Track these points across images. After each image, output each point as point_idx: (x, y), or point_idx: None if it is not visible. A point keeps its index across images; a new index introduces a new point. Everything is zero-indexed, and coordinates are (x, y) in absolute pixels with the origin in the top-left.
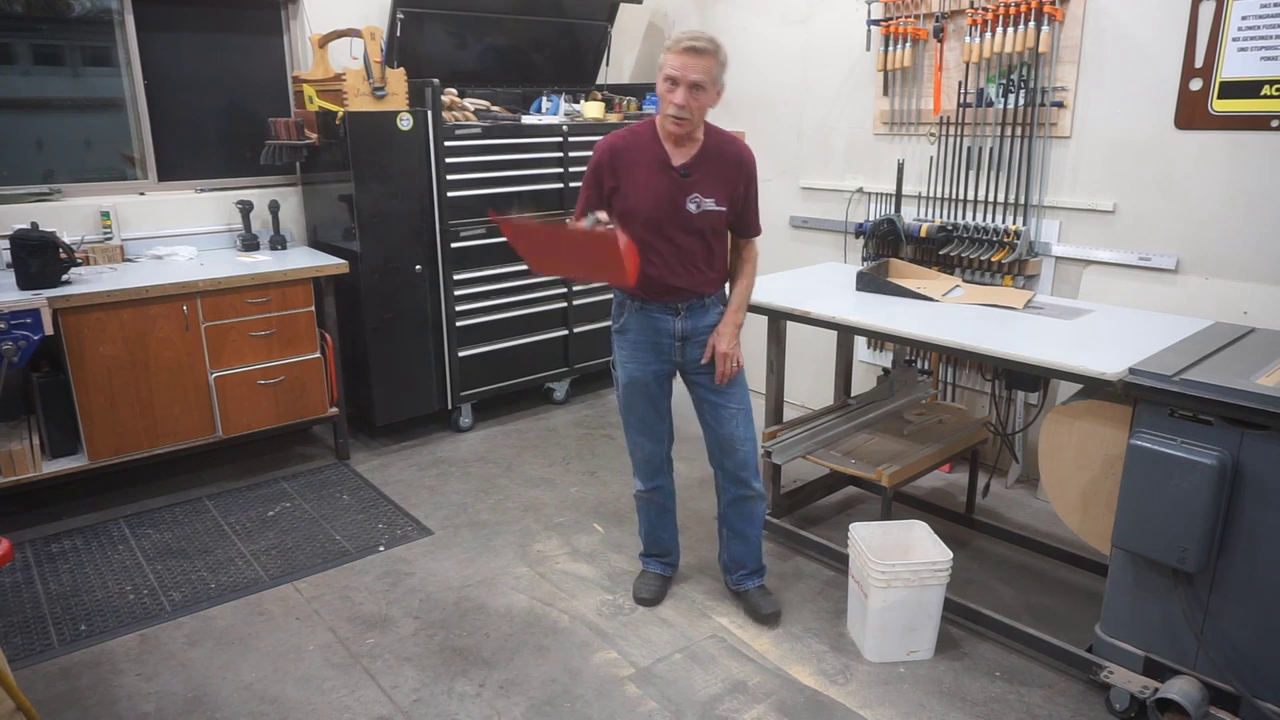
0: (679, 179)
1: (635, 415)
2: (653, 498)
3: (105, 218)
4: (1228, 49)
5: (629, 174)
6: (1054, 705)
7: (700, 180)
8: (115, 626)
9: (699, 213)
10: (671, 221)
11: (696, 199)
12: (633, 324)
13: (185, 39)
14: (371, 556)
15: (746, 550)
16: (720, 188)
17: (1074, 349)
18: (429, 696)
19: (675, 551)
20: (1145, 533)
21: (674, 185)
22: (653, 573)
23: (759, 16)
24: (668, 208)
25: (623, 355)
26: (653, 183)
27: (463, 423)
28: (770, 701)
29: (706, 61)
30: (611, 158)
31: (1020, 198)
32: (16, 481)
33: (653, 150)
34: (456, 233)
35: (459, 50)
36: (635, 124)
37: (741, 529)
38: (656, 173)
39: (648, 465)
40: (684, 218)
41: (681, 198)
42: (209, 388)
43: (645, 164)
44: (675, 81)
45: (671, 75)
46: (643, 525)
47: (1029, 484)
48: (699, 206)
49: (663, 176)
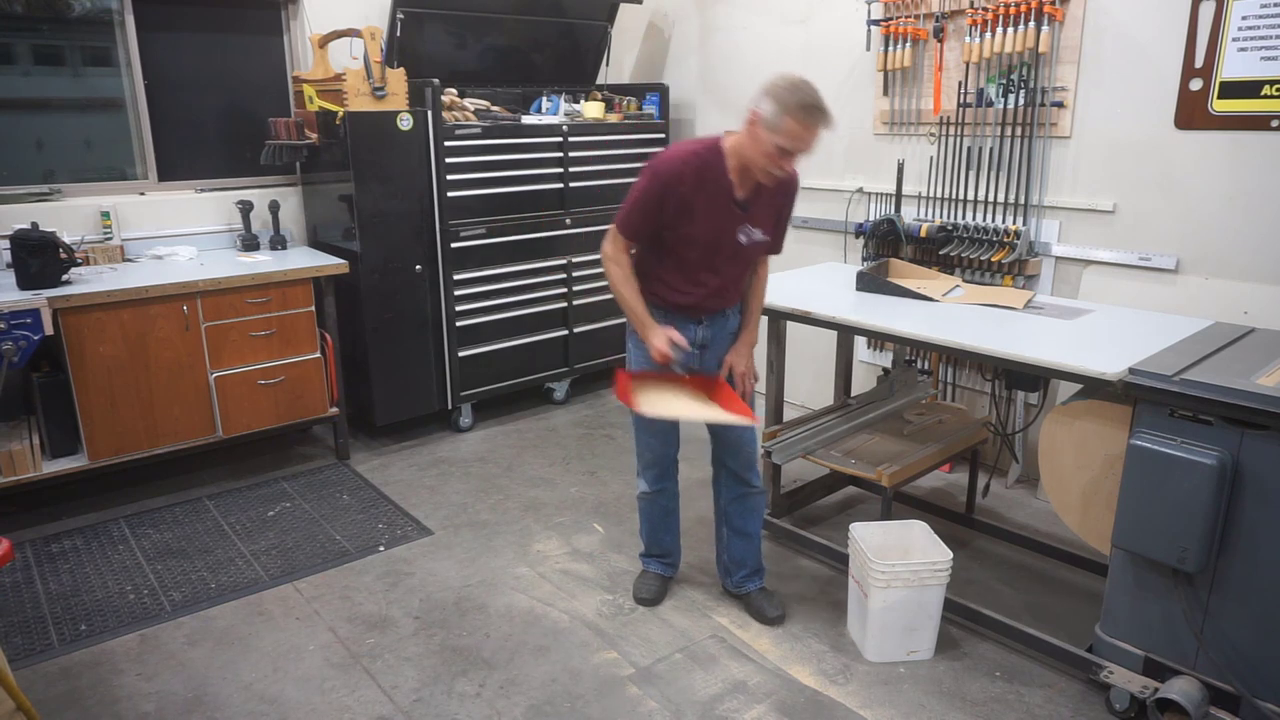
0: (737, 213)
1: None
2: (658, 500)
3: (105, 218)
4: (1228, 49)
5: (693, 202)
6: (1054, 705)
7: (755, 213)
8: (115, 626)
9: (748, 244)
10: (722, 252)
11: (747, 230)
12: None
13: (185, 39)
14: (371, 556)
15: (748, 548)
16: (770, 218)
17: (1074, 349)
18: (429, 696)
19: (676, 552)
20: (1145, 533)
21: (732, 218)
22: (653, 573)
23: (759, 16)
24: (723, 239)
25: (642, 356)
26: (714, 214)
27: (463, 423)
28: (770, 701)
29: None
30: (679, 182)
31: (1020, 198)
32: (16, 481)
33: (720, 181)
34: (456, 233)
35: (459, 50)
36: (700, 146)
37: (743, 525)
38: (719, 205)
39: (656, 467)
40: (734, 248)
41: (735, 229)
42: (209, 388)
43: (710, 194)
44: (793, 155)
45: (791, 150)
46: (645, 526)
47: (1029, 484)
48: (749, 239)
49: (725, 210)
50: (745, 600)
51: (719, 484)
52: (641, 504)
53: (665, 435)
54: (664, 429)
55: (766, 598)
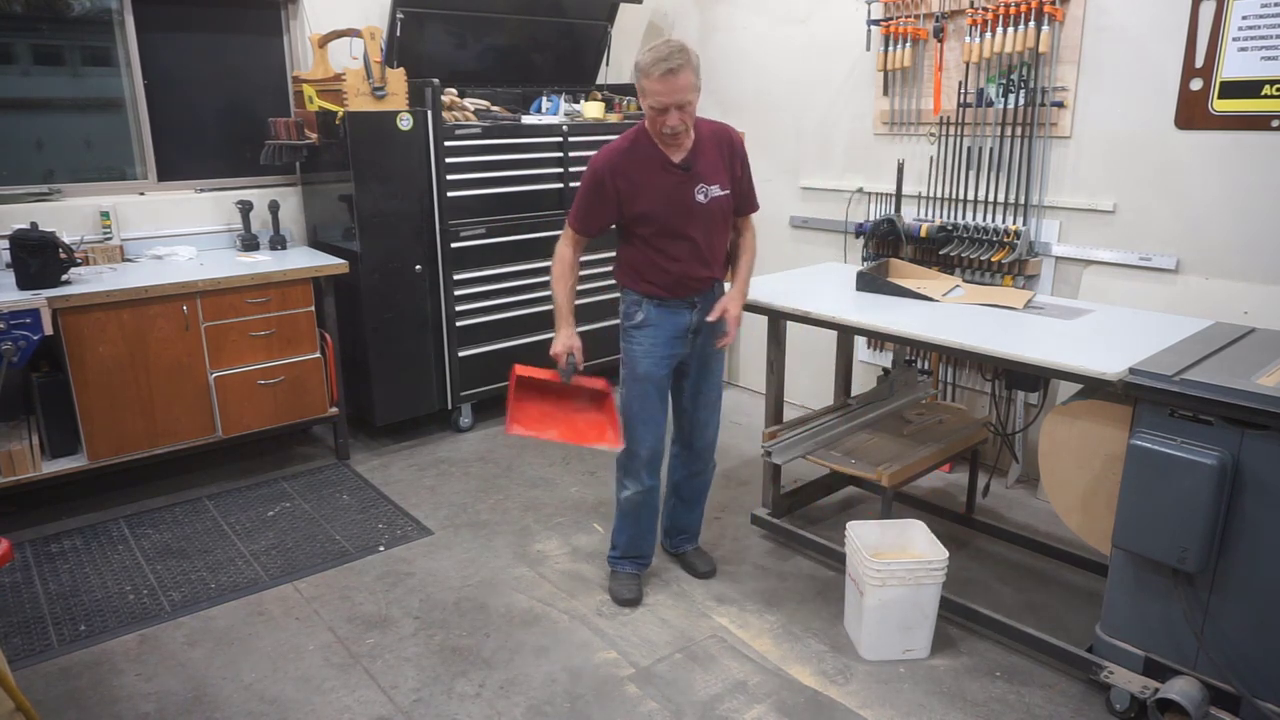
0: (682, 175)
1: (647, 410)
2: (647, 499)
3: (105, 218)
4: (1228, 49)
5: (635, 181)
6: (1054, 705)
7: (702, 170)
8: (115, 626)
9: (709, 201)
10: (685, 217)
11: (703, 189)
12: (651, 319)
13: (185, 39)
14: (371, 556)
15: (692, 516)
16: (720, 173)
17: (1074, 349)
18: (429, 696)
19: (652, 552)
20: (1145, 533)
21: (680, 181)
22: (628, 573)
23: (759, 16)
24: (679, 205)
25: (639, 350)
26: (658, 183)
27: (463, 423)
28: (770, 701)
29: (685, 78)
30: (613, 170)
31: (1020, 198)
32: (16, 481)
33: (651, 154)
34: (456, 233)
35: (459, 50)
36: (626, 133)
37: (695, 499)
38: (660, 174)
39: (651, 462)
40: (696, 210)
41: (689, 191)
42: (209, 388)
43: (647, 169)
44: (663, 109)
45: (658, 105)
46: (625, 531)
47: (1029, 484)
48: (707, 196)
49: (667, 176)
50: (681, 559)
51: (675, 459)
52: (627, 506)
53: (660, 428)
54: (660, 422)
55: (699, 555)
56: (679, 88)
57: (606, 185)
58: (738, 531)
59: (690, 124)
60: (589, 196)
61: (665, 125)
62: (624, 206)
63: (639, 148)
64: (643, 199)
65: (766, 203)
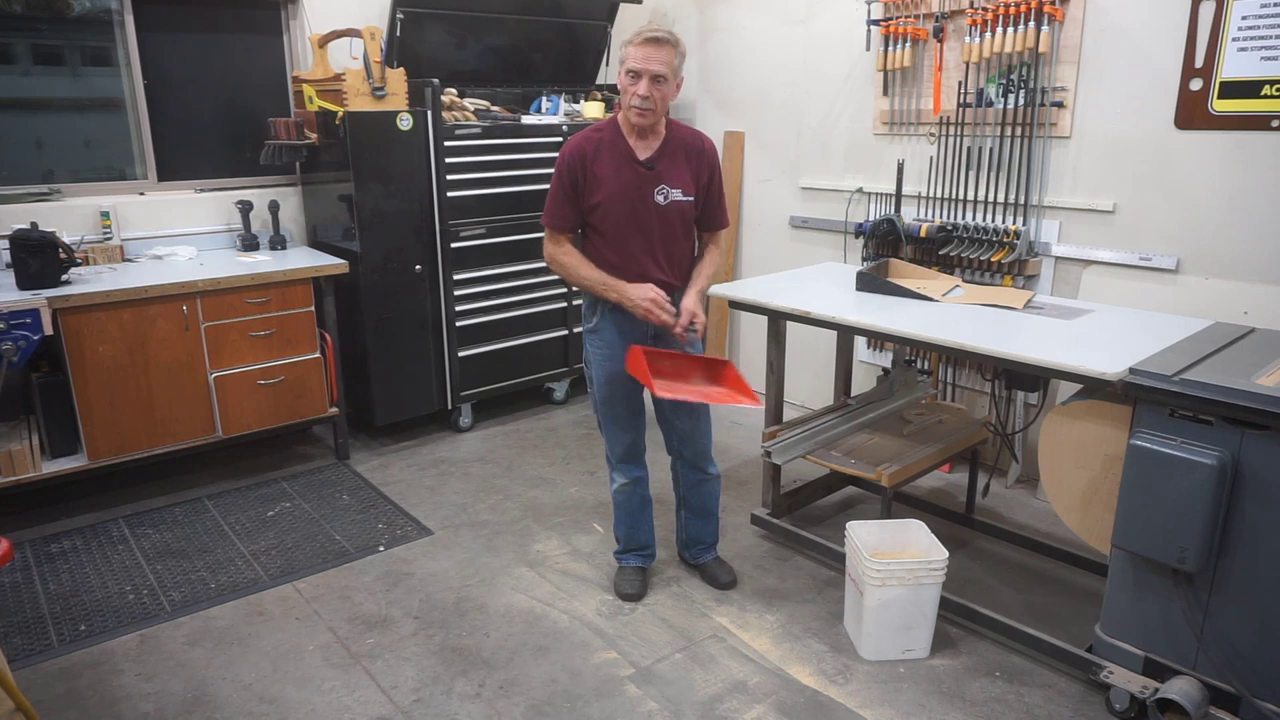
0: (645, 172)
1: (615, 411)
2: (635, 490)
3: (105, 218)
4: (1228, 49)
5: (597, 170)
6: (1054, 705)
7: (665, 172)
8: (115, 626)
9: (667, 204)
10: (642, 214)
11: (664, 190)
12: (606, 322)
13: (185, 39)
14: (371, 556)
15: (706, 526)
16: (685, 178)
17: (1074, 349)
18: (429, 696)
19: (653, 543)
20: (1145, 533)
21: (641, 178)
22: (633, 567)
23: (759, 16)
24: (636, 200)
25: (600, 354)
26: (620, 176)
27: (463, 423)
28: (770, 701)
29: (667, 53)
30: (580, 157)
31: (1020, 198)
32: (16, 481)
33: (618, 146)
34: (456, 233)
35: (459, 50)
36: (599, 124)
37: (703, 509)
38: (623, 167)
39: (629, 456)
40: (654, 209)
41: (649, 190)
42: (209, 388)
43: (612, 159)
44: (638, 74)
45: (634, 69)
46: (623, 523)
47: (1029, 484)
48: (666, 198)
49: (629, 170)
50: (701, 569)
51: (676, 471)
52: (619, 499)
53: (634, 425)
54: (630, 418)
55: (719, 566)
56: (657, 59)
57: (566, 175)
58: (738, 532)
59: (660, 109)
60: (554, 186)
61: (636, 95)
62: (583, 196)
63: (609, 139)
64: (601, 189)
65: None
